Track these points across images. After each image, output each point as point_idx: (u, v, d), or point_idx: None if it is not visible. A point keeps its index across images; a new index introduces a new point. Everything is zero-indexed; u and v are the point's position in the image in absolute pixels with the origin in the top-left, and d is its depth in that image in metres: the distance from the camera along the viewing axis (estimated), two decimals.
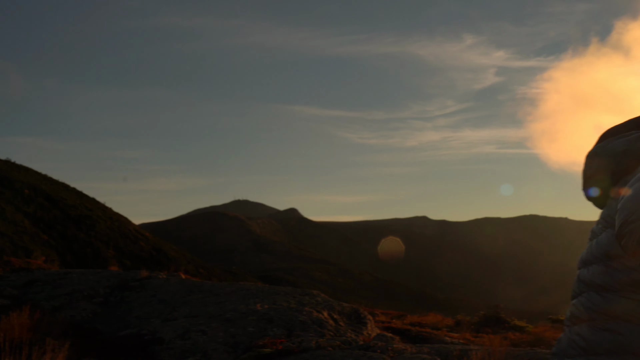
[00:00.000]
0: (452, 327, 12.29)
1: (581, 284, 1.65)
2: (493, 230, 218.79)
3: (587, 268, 1.64)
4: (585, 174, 1.84)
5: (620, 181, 1.67)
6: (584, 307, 1.59)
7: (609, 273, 1.53)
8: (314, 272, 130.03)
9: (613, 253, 1.54)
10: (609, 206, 1.67)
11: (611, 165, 1.71)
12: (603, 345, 1.48)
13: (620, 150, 1.70)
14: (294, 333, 6.74)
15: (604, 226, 1.64)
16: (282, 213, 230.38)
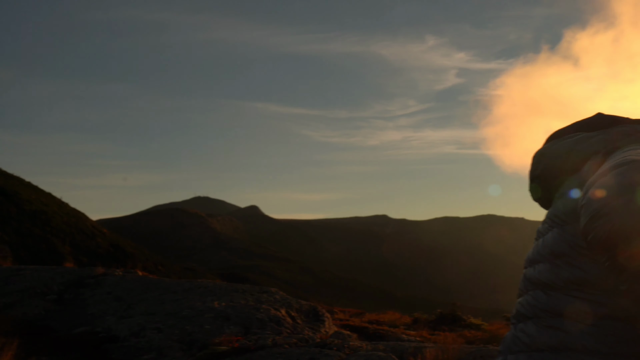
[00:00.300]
0: (409, 325, 12.38)
1: (527, 282, 1.67)
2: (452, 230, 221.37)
3: (534, 267, 1.66)
4: (532, 174, 1.87)
5: (566, 181, 1.70)
6: (529, 304, 1.61)
7: (554, 271, 1.55)
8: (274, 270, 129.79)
9: (558, 252, 1.56)
10: (555, 206, 1.69)
11: (557, 166, 1.74)
12: (546, 342, 1.50)
13: (565, 150, 1.73)
14: (251, 331, 6.72)
15: (550, 226, 1.67)
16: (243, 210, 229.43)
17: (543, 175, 1.79)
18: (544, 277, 1.57)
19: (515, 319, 1.65)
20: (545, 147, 1.84)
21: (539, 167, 1.82)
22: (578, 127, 1.80)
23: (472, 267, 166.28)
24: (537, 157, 1.84)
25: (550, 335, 1.48)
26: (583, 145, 1.68)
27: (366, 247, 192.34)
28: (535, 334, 1.52)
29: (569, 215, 1.54)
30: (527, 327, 1.57)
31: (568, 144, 1.74)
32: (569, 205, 1.56)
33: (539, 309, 1.55)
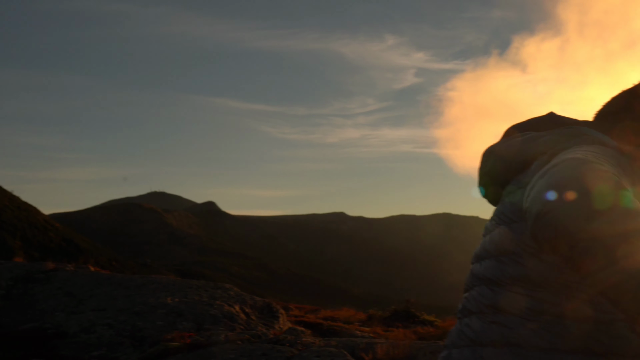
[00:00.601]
0: (364, 321, 12.43)
1: (474, 278, 1.67)
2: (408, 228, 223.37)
3: (480, 263, 1.66)
4: (481, 171, 1.88)
5: (514, 179, 1.72)
6: (474, 300, 1.61)
7: (500, 268, 1.56)
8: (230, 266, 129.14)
9: (504, 249, 1.57)
10: (502, 204, 1.70)
11: (506, 164, 1.76)
12: (490, 337, 1.50)
13: (514, 149, 1.74)
14: (204, 327, 6.68)
15: (497, 223, 1.67)
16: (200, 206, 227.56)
17: (492, 172, 1.80)
18: (489, 273, 1.58)
19: (461, 314, 1.66)
20: (495, 145, 1.84)
21: (488, 164, 1.83)
22: (529, 125, 1.81)
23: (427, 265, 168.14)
24: (487, 155, 1.85)
25: (493, 330, 1.49)
26: (531, 144, 1.69)
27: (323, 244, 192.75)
28: (480, 329, 1.53)
29: (515, 214, 1.56)
30: (471, 321, 1.57)
31: (517, 142, 1.75)
32: (517, 203, 1.58)
33: (483, 304, 1.56)
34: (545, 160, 1.58)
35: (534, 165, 1.61)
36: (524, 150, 1.69)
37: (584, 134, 1.63)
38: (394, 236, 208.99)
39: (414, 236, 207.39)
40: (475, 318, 1.56)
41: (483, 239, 1.72)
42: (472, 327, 1.55)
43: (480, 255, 1.68)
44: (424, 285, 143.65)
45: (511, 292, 1.50)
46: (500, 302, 1.51)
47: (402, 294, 77.43)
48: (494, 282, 1.55)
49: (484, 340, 1.50)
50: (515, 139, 1.78)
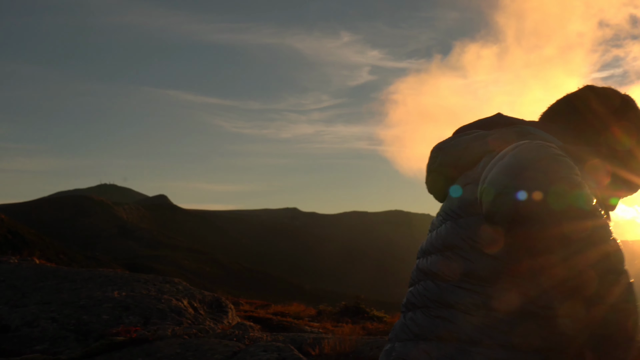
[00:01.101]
0: (314, 316, 12.46)
1: (419, 272, 1.69)
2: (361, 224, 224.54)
3: (426, 258, 1.69)
4: (428, 168, 1.90)
5: (461, 176, 1.75)
6: (419, 294, 1.63)
7: (445, 263, 1.58)
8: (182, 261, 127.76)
9: (450, 244, 1.59)
10: (449, 200, 1.73)
11: (453, 161, 1.79)
12: (434, 331, 1.52)
13: (462, 147, 1.77)
14: (151, 321, 6.60)
15: (444, 218, 1.70)
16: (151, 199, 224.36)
17: (439, 169, 1.83)
18: (434, 267, 1.61)
19: (405, 308, 1.67)
20: (443, 142, 1.87)
21: (436, 161, 1.85)
22: (478, 125, 1.85)
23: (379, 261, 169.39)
24: (435, 152, 1.88)
25: (437, 324, 1.51)
26: (479, 142, 1.72)
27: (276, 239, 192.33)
28: (424, 323, 1.55)
29: (462, 209, 1.58)
30: (416, 316, 1.59)
31: (465, 140, 1.78)
32: (464, 199, 1.60)
33: (428, 298, 1.58)
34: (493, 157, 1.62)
35: (482, 162, 1.64)
36: (473, 147, 1.72)
37: (531, 134, 1.67)
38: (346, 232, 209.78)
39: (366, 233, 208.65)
40: (420, 312, 1.58)
41: (429, 235, 1.75)
42: (416, 321, 1.57)
43: (426, 250, 1.70)
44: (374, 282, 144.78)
45: (456, 286, 1.53)
46: (444, 296, 1.54)
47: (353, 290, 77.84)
48: (439, 276, 1.58)
49: (429, 334, 1.52)
50: (464, 136, 1.81)
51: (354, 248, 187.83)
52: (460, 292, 1.51)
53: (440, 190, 1.86)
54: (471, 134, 1.78)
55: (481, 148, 1.70)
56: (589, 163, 1.62)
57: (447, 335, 1.48)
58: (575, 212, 1.28)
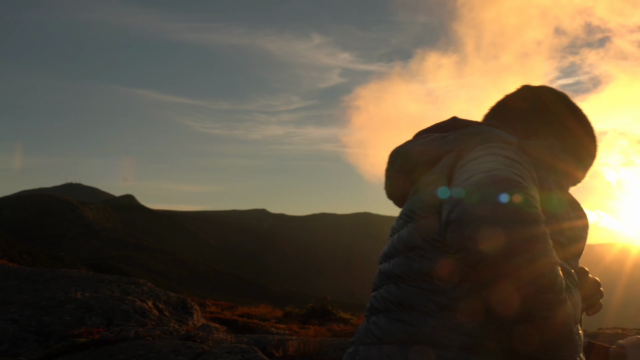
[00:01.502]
0: (280, 318, 12.45)
1: (382, 276, 1.70)
2: (329, 226, 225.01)
3: (388, 261, 1.69)
4: (387, 172, 1.91)
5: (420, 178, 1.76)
6: (382, 298, 1.63)
7: (407, 264, 1.58)
8: (148, 261, 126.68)
9: (412, 245, 1.60)
10: (410, 202, 1.74)
11: (412, 163, 1.80)
12: (395, 335, 1.52)
13: (420, 149, 1.79)
14: (114, 322, 6.52)
15: (405, 221, 1.71)
16: (118, 199, 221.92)
17: (398, 173, 1.84)
18: (397, 269, 1.61)
19: (369, 312, 1.67)
20: (402, 146, 1.89)
21: (394, 165, 1.86)
22: (435, 129, 1.87)
23: (346, 263, 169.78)
24: (393, 156, 1.89)
25: (399, 328, 1.51)
26: (437, 144, 1.74)
27: (244, 240, 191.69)
28: (386, 326, 1.55)
29: (424, 210, 1.59)
30: (379, 320, 1.59)
31: (423, 143, 1.80)
32: (425, 200, 1.61)
33: (390, 302, 1.58)
34: (452, 157, 1.63)
35: (441, 163, 1.66)
36: (431, 149, 1.74)
37: (486, 132, 1.70)
38: (315, 234, 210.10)
39: (334, 234, 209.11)
40: (382, 316, 1.59)
41: (390, 239, 1.76)
42: (379, 325, 1.58)
43: (388, 254, 1.71)
44: (342, 283, 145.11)
45: (416, 287, 1.53)
46: (406, 298, 1.54)
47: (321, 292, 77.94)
48: (401, 278, 1.58)
49: (391, 338, 1.52)
50: (422, 139, 1.83)
51: (322, 250, 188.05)
52: (420, 293, 1.51)
53: (399, 194, 1.87)
54: (428, 137, 1.81)
55: (439, 149, 1.72)
56: (546, 158, 1.68)
57: (408, 338, 1.49)
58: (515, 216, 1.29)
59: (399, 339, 1.50)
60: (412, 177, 1.78)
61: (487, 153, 1.54)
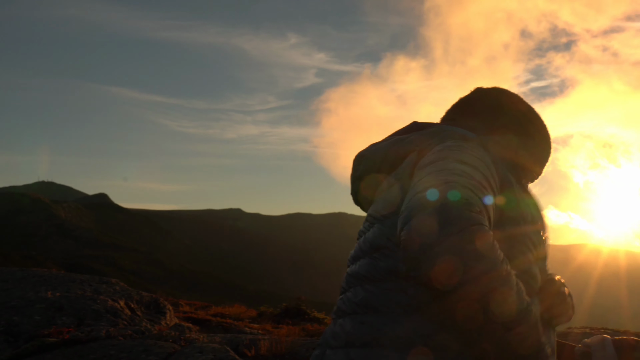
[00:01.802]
0: (254, 318, 12.43)
1: (349, 278, 1.71)
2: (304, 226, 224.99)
3: (355, 263, 1.71)
4: (353, 176, 1.93)
5: (384, 180, 1.78)
6: (349, 301, 1.64)
7: (373, 264, 1.60)
8: (122, 261, 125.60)
9: (378, 245, 1.61)
10: (375, 204, 1.76)
11: (376, 166, 1.82)
12: (360, 337, 1.53)
13: (383, 151, 1.81)
14: (85, 322, 6.47)
15: (371, 223, 1.72)
16: (92, 198, 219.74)
17: (362, 176, 1.87)
18: (363, 270, 1.62)
19: (336, 315, 1.68)
20: (365, 150, 1.91)
21: (359, 169, 1.89)
22: (398, 133, 1.91)
23: (321, 263, 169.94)
24: (358, 159, 1.91)
25: (363, 331, 1.52)
26: (399, 145, 1.77)
27: (219, 240, 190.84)
28: (351, 329, 1.56)
29: (387, 209, 1.60)
30: (345, 322, 1.60)
31: (386, 145, 1.83)
32: (389, 201, 1.63)
33: (356, 304, 1.59)
34: (414, 157, 1.66)
35: (404, 163, 1.68)
36: (394, 151, 1.77)
37: (446, 131, 1.74)
38: (290, 234, 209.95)
39: (309, 234, 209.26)
40: (348, 319, 1.60)
41: (358, 242, 1.78)
42: (345, 328, 1.59)
43: (355, 257, 1.73)
44: (316, 283, 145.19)
45: (381, 288, 1.54)
46: (371, 300, 1.55)
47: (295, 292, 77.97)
48: (367, 278, 1.60)
49: (356, 341, 1.53)
50: (384, 142, 1.86)
51: (297, 250, 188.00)
52: (385, 295, 1.52)
53: (365, 198, 1.90)
54: (390, 140, 1.84)
55: (402, 150, 1.75)
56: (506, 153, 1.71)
57: (372, 341, 1.49)
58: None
59: (363, 342, 1.51)
60: (377, 179, 1.81)
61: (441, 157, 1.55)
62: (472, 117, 1.90)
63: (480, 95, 1.94)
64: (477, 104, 1.92)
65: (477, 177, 1.44)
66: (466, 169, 1.46)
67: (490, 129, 1.85)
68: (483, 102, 1.91)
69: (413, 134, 1.80)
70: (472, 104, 1.93)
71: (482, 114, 1.89)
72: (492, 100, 1.91)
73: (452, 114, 1.97)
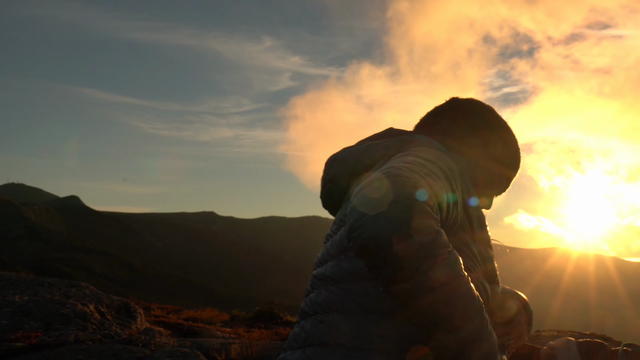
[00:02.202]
0: (227, 322, 12.39)
1: (314, 280, 1.72)
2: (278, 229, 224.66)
3: (322, 266, 1.72)
4: (323, 180, 1.94)
5: (353, 184, 1.80)
6: (311, 302, 1.65)
7: (338, 265, 1.62)
8: (93, 264, 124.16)
9: (344, 247, 1.63)
10: (343, 208, 1.78)
11: (347, 170, 1.84)
12: (318, 337, 1.54)
13: (355, 156, 1.83)
14: (53, 326, 6.38)
15: (339, 226, 1.74)
16: (62, 200, 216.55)
17: (334, 179, 1.88)
18: (329, 271, 1.64)
19: (299, 317, 1.70)
20: (337, 154, 1.93)
21: (330, 172, 1.90)
22: (372, 138, 1.93)
23: (295, 267, 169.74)
24: (329, 163, 1.93)
25: (322, 330, 1.53)
26: (371, 151, 1.79)
27: (192, 243, 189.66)
28: (310, 329, 1.57)
29: None
30: (306, 323, 1.62)
31: (358, 150, 1.84)
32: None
33: (318, 304, 1.60)
34: (383, 163, 1.67)
35: (374, 168, 1.70)
36: (365, 156, 1.79)
37: (415, 139, 1.76)
38: (264, 237, 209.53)
39: (283, 238, 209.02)
40: (310, 320, 1.61)
41: (324, 246, 1.79)
42: (305, 328, 1.60)
43: (322, 260, 1.74)
44: (290, 287, 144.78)
45: (344, 289, 1.56)
46: (332, 300, 1.57)
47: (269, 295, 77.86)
48: (332, 279, 1.61)
49: (314, 341, 1.54)
50: (357, 146, 1.88)
51: (271, 253, 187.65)
52: (346, 295, 1.54)
53: (334, 202, 1.91)
54: (363, 145, 1.85)
55: (374, 155, 1.77)
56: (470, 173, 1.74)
57: (329, 340, 1.51)
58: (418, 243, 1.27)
59: (320, 342, 1.53)
60: (347, 183, 1.82)
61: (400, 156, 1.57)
62: (442, 129, 1.93)
63: (455, 105, 1.98)
64: (451, 113, 1.96)
65: (430, 168, 1.46)
66: (419, 160, 1.48)
67: (462, 138, 1.89)
68: (457, 111, 1.95)
69: (387, 140, 1.82)
70: (447, 112, 1.97)
71: (452, 126, 1.92)
72: (463, 112, 1.95)
73: (423, 125, 2.00)
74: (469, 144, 1.88)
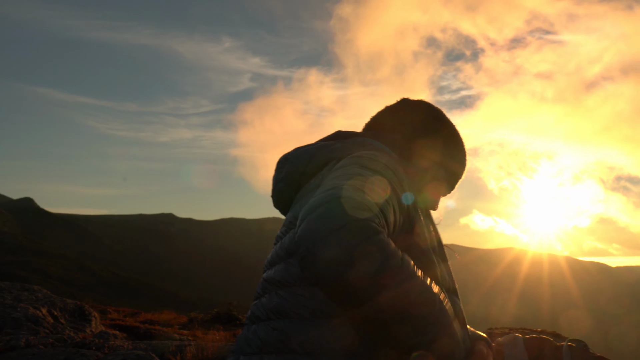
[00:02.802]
0: (185, 324, 12.28)
1: (265, 283, 1.71)
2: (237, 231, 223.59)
3: (272, 269, 1.72)
4: (275, 179, 1.94)
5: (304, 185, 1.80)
6: (262, 306, 1.65)
7: (287, 269, 1.61)
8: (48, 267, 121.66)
9: (292, 250, 1.62)
10: (293, 209, 1.77)
11: (299, 170, 1.84)
12: (272, 343, 1.53)
13: (307, 156, 1.84)
14: (3, 331, 6.23)
15: (288, 228, 1.74)
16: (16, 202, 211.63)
17: (285, 179, 1.88)
18: (278, 275, 1.63)
19: (249, 321, 1.68)
20: (289, 153, 1.93)
21: (282, 171, 1.90)
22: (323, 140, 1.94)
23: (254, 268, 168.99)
24: (281, 162, 1.93)
25: (275, 337, 1.53)
26: (323, 152, 1.80)
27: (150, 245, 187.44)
28: (264, 336, 1.56)
29: None
30: (258, 329, 1.60)
31: (310, 150, 1.85)
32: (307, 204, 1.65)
33: (270, 310, 1.60)
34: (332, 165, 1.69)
35: (324, 170, 1.71)
36: (318, 155, 1.80)
37: (367, 143, 1.78)
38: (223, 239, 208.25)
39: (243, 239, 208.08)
40: (262, 325, 1.60)
41: (275, 247, 1.78)
42: (258, 334, 1.59)
43: (272, 262, 1.73)
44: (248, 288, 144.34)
45: (294, 294, 1.56)
46: (283, 306, 1.56)
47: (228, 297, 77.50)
48: (281, 283, 1.60)
49: (269, 347, 1.53)
50: (309, 147, 1.88)
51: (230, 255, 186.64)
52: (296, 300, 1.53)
53: (286, 201, 1.91)
54: (316, 145, 1.87)
55: (326, 155, 1.78)
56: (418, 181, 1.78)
57: (283, 347, 1.50)
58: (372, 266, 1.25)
59: (276, 348, 1.52)
60: (299, 182, 1.83)
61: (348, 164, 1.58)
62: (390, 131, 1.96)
63: (405, 105, 2.01)
64: (401, 113, 1.98)
65: (376, 178, 1.46)
66: (366, 172, 1.48)
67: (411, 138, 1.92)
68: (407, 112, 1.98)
69: (337, 141, 1.84)
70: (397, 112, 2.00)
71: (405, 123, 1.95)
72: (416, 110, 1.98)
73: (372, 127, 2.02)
74: (417, 144, 1.91)
